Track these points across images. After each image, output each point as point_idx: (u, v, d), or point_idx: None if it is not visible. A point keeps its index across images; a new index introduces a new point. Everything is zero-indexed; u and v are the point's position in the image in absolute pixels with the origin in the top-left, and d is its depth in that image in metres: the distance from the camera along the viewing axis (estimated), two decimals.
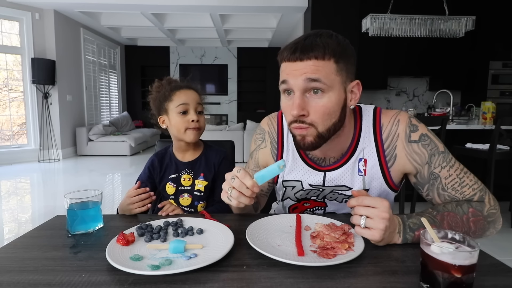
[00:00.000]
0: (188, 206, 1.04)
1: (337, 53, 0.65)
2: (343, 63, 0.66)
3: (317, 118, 0.67)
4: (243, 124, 5.44)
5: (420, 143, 0.73)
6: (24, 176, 4.18)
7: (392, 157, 0.75)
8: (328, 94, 0.66)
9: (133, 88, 7.93)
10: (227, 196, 0.69)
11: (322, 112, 0.67)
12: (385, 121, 0.76)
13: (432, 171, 0.72)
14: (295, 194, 0.84)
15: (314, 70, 0.64)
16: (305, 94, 0.67)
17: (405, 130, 0.74)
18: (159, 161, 1.09)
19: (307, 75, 0.64)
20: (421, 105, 5.17)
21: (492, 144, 2.31)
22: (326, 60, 0.65)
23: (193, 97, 1.03)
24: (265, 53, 7.88)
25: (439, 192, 0.73)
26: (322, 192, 0.81)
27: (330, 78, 0.65)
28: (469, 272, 0.46)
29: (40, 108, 5.04)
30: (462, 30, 3.22)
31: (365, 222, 0.60)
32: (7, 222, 2.53)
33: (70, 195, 0.73)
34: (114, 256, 0.57)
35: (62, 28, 5.25)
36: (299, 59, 0.65)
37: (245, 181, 0.66)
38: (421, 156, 0.73)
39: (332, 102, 0.67)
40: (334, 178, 0.78)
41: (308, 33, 0.68)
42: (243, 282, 0.51)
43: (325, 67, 0.65)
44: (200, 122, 1.03)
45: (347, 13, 4.08)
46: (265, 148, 0.88)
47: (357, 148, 0.76)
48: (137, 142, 5.95)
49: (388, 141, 0.75)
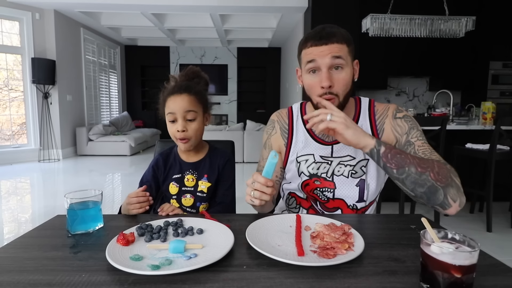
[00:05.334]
0: (190, 206, 1.04)
1: (348, 39, 0.86)
2: (351, 47, 0.87)
3: (339, 89, 0.86)
4: (243, 124, 5.44)
5: (403, 119, 0.91)
6: (24, 176, 4.18)
7: (381, 131, 0.94)
8: (345, 70, 0.85)
9: (133, 88, 7.92)
10: (250, 199, 0.78)
11: (343, 84, 0.86)
12: (379, 108, 0.97)
13: (408, 140, 0.88)
14: (307, 167, 0.96)
15: (338, 50, 0.84)
16: (330, 70, 0.85)
17: (392, 111, 0.94)
18: (164, 160, 1.09)
19: (333, 54, 0.83)
20: (421, 105, 5.17)
21: (492, 144, 2.31)
22: (343, 44, 0.85)
23: (181, 104, 0.96)
24: (265, 53, 7.89)
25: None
26: (331, 166, 0.94)
27: (346, 57, 0.85)
28: (469, 272, 0.46)
29: (40, 108, 5.04)
30: (462, 30, 3.22)
31: (331, 117, 0.77)
32: (7, 222, 2.53)
33: (70, 195, 0.73)
34: (114, 256, 0.57)
35: (62, 28, 5.25)
36: (325, 43, 0.84)
37: (259, 180, 0.76)
38: (402, 128, 0.90)
39: (348, 76, 0.86)
40: (339, 149, 0.95)
41: (321, 26, 0.87)
42: (243, 282, 0.51)
43: (343, 49, 0.84)
44: (189, 131, 0.98)
45: (347, 13, 4.08)
46: (275, 134, 1.04)
47: (357, 124, 0.93)
48: (137, 142, 5.95)
49: (380, 119, 0.95)
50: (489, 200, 2.33)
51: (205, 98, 1.04)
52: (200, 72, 1.08)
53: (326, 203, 0.96)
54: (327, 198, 0.95)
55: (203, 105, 1.03)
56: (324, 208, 0.97)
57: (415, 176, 0.73)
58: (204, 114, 1.04)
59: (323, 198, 0.95)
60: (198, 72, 1.07)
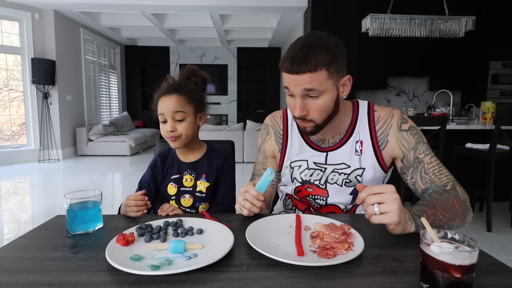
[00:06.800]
0: (189, 207, 1.03)
1: (327, 62, 0.75)
2: (333, 68, 0.77)
3: (315, 116, 0.81)
4: (243, 124, 5.44)
5: (409, 132, 0.87)
6: (24, 176, 4.18)
7: (384, 142, 0.88)
8: (323, 96, 0.79)
9: (133, 88, 7.92)
10: (240, 208, 0.78)
11: (319, 111, 0.81)
12: (381, 114, 0.90)
13: (417, 156, 0.85)
14: (300, 173, 0.94)
15: (309, 81, 0.76)
16: (304, 97, 0.79)
17: (397, 121, 0.88)
18: (162, 161, 1.09)
19: (304, 86, 0.77)
20: (421, 105, 5.17)
21: (492, 144, 2.31)
22: (318, 71, 0.75)
23: (169, 105, 0.96)
24: (265, 53, 7.89)
25: (422, 175, 0.84)
26: (324, 173, 0.91)
27: (323, 84, 0.77)
28: (469, 272, 0.46)
29: (40, 108, 5.04)
30: (462, 30, 3.22)
31: (378, 209, 0.63)
32: (7, 222, 2.53)
33: (70, 195, 0.73)
34: (114, 256, 0.57)
35: (62, 28, 5.25)
36: (296, 73, 0.76)
37: (251, 192, 0.76)
38: (409, 142, 0.86)
39: (326, 102, 0.80)
40: (334, 156, 0.91)
41: (302, 41, 0.78)
42: (243, 282, 0.51)
43: (318, 77, 0.75)
44: (178, 130, 0.97)
45: (347, 13, 4.08)
46: (270, 139, 1.02)
47: (354, 131, 0.90)
48: (137, 142, 5.95)
49: (382, 129, 0.89)
50: (489, 200, 2.33)
51: (197, 97, 1.02)
52: (197, 70, 1.07)
53: (319, 209, 0.95)
54: (320, 205, 0.94)
55: (195, 105, 1.01)
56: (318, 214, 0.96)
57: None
58: (197, 113, 1.02)
59: (315, 205, 0.94)
60: (196, 71, 1.06)
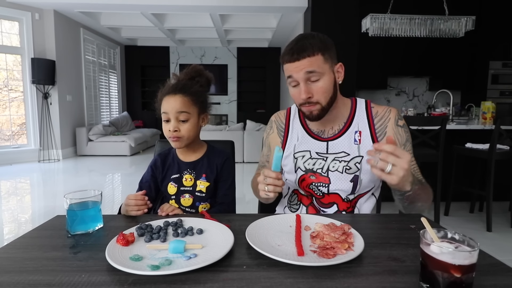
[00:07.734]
0: (189, 206, 1.03)
1: (321, 48, 0.87)
2: (327, 54, 0.89)
3: (319, 97, 0.90)
4: (243, 124, 5.44)
5: (403, 129, 0.96)
6: (24, 176, 4.18)
7: (383, 133, 0.97)
8: (323, 79, 0.88)
9: (133, 88, 7.91)
10: (265, 193, 0.81)
11: (322, 92, 0.89)
12: (379, 110, 0.99)
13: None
14: (304, 163, 1.00)
15: (309, 64, 0.86)
16: (307, 82, 0.88)
17: (395, 116, 0.97)
18: (162, 161, 1.09)
19: (305, 69, 0.87)
20: (421, 105, 5.17)
21: (492, 144, 2.31)
22: (316, 55, 0.86)
23: (174, 105, 0.96)
24: (265, 53, 7.88)
25: None
26: (326, 162, 0.98)
27: (321, 67, 0.87)
28: (469, 271, 0.46)
29: (40, 108, 5.04)
30: (462, 30, 3.22)
31: (390, 168, 0.68)
32: (7, 222, 2.53)
33: (70, 195, 0.73)
34: (114, 256, 0.57)
35: (62, 28, 5.25)
36: (297, 59, 0.87)
37: (271, 175, 0.80)
38: (402, 138, 0.95)
39: (326, 83, 0.89)
40: (335, 145, 0.98)
41: (297, 38, 0.91)
42: (243, 282, 0.51)
43: (316, 60, 0.87)
44: (181, 131, 0.98)
45: (347, 13, 4.07)
46: (273, 133, 1.10)
47: (352, 123, 0.99)
48: (137, 142, 5.95)
49: (381, 122, 0.97)
50: (489, 200, 2.33)
51: (202, 98, 1.03)
52: (202, 70, 1.07)
53: (321, 198, 0.98)
54: (322, 193, 0.97)
55: (199, 106, 1.01)
56: (320, 204, 0.99)
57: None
58: (200, 114, 1.03)
59: (318, 193, 0.98)
60: (201, 71, 1.07)
